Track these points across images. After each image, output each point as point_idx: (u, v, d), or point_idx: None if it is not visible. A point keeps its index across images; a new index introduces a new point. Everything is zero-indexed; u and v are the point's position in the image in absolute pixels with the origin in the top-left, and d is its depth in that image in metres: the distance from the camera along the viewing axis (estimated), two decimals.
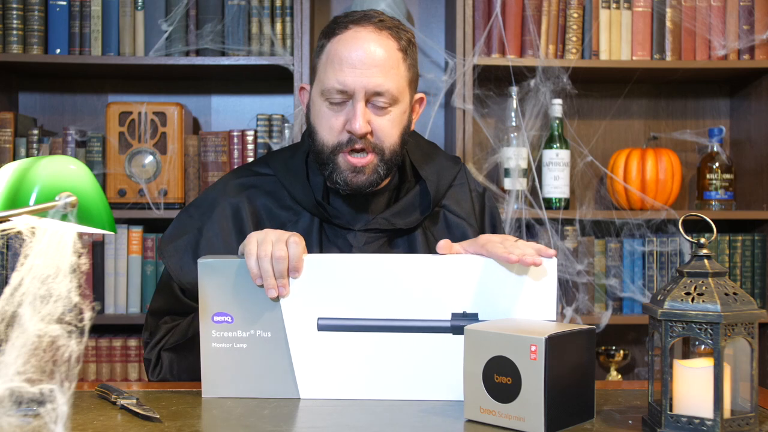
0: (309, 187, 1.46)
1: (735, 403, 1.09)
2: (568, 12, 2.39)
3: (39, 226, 1.00)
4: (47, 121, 2.59)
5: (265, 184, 1.50)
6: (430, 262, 1.23)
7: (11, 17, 2.31)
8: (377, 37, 1.38)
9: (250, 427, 1.10)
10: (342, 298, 1.22)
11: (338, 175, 1.40)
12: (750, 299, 1.05)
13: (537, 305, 1.22)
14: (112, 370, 2.35)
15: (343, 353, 1.23)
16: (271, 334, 1.23)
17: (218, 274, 1.23)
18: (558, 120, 2.43)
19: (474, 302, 1.22)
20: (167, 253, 1.46)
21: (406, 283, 1.22)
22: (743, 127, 2.58)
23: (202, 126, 2.61)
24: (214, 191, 1.52)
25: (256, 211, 1.47)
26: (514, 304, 1.22)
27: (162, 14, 2.34)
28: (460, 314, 1.22)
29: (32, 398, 0.93)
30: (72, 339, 0.94)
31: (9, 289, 0.95)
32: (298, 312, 1.23)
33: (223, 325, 1.23)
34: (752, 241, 2.44)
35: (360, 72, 1.36)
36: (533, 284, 1.22)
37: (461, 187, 1.57)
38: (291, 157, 1.52)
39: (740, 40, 2.38)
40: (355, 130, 1.37)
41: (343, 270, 1.22)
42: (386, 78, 1.37)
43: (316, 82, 1.43)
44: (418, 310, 1.22)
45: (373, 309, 1.22)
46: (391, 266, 1.23)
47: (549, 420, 1.06)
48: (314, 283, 1.23)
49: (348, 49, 1.37)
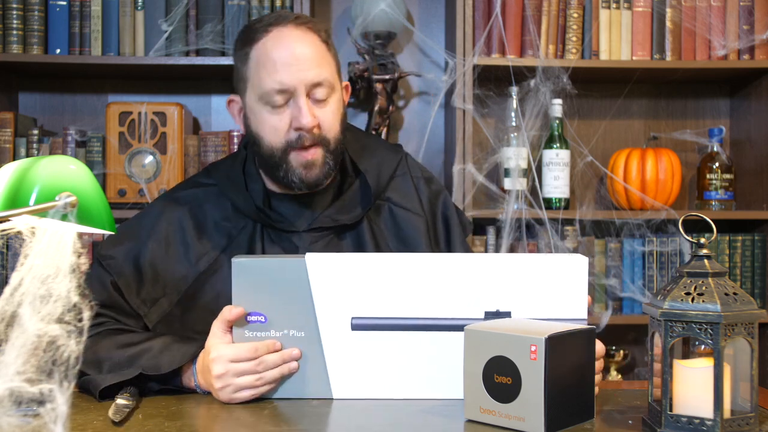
0: (249, 195, 1.47)
1: (735, 403, 1.09)
2: (568, 12, 2.39)
3: (39, 226, 1.00)
4: (47, 121, 2.59)
5: (209, 195, 1.50)
6: (462, 261, 1.24)
7: (11, 17, 2.31)
8: (301, 34, 1.41)
9: (250, 427, 1.10)
10: (375, 298, 1.23)
11: (292, 174, 1.42)
12: (750, 299, 1.05)
13: (568, 303, 1.23)
14: None
15: (377, 352, 1.23)
16: (304, 334, 1.23)
17: (252, 274, 1.23)
18: (558, 120, 2.43)
19: (506, 300, 1.23)
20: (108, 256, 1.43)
21: (438, 282, 1.23)
22: (743, 127, 2.58)
23: (202, 126, 2.61)
24: (158, 204, 1.51)
25: (200, 223, 1.46)
26: (546, 302, 1.23)
27: (162, 14, 2.34)
28: (493, 312, 1.23)
29: (32, 398, 0.92)
30: (71, 339, 0.94)
31: (9, 289, 0.95)
32: (331, 311, 1.23)
33: (256, 325, 1.23)
34: (752, 241, 2.44)
35: (296, 68, 1.38)
36: (565, 283, 1.23)
37: (403, 177, 1.57)
38: (231, 166, 1.53)
39: (740, 40, 2.38)
40: (304, 125, 1.38)
41: (376, 269, 1.23)
42: (321, 68, 1.40)
43: (249, 89, 1.43)
44: (451, 309, 1.23)
45: (406, 308, 1.23)
46: (423, 265, 1.23)
47: (549, 420, 1.06)
48: (347, 283, 1.23)
49: (277, 50, 1.39)
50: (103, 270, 1.44)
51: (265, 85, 1.39)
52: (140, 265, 1.43)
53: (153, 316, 1.42)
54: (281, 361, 1.22)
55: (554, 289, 1.23)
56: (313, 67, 1.39)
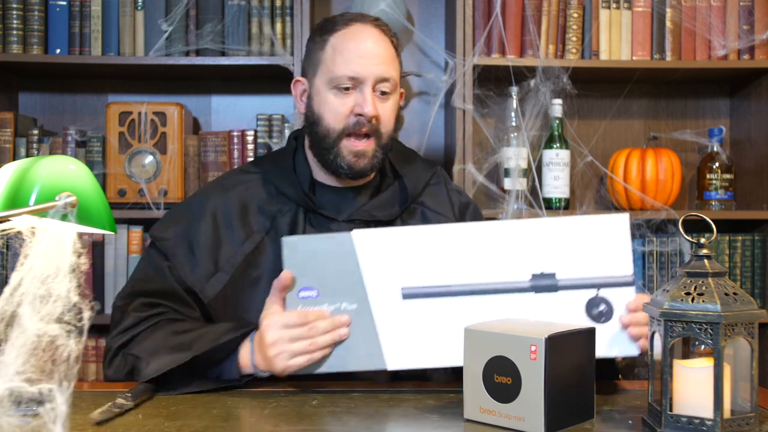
0: (296, 179, 1.54)
1: (735, 403, 1.09)
2: (568, 12, 2.39)
3: (39, 226, 1.00)
4: (47, 121, 2.59)
5: (254, 181, 1.57)
6: (506, 227, 1.27)
7: (11, 17, 2.31)
8: (379, 33, 1.52)
9: (250, 427, 1.10)
10: (423, 267, 1.26)
11: (341, 159, 1.49)
12: (750, 299, 1.05)
13: (613, 261, 1.26)
14: None
15: (428, 320, 1.25)
16: (356, 306, 1.26)
17: (302, 251, 1.27)
18: (558, 120, 2.43)
19: (552, 262, 1.26)
20: (162, 238, 1.49)
21: (483, 249, 1.27)
22: (743, 127, 2.57)
23: (202, 126, 2.61)
24: (206, 189, 1.60)
25: (245, 207, 1.53)
26: (591, 262, 1.26)
27: (162, 14, 2.34)
28: (538, 274, 1.26)
29: (31, 398, 0.92)
30: (71, 339, 0.94)
31: (9, 289, 0.95)
32: (381, 283, 1.26)
33: (308, 300, 1.26)
34: (752, 241, 2.44)
35: (369, 61, 1.47)
36: (607, 241, 1.26)
37: (437, 186, 1.66)
38: (278, 157, 1.62)
39: (740, 40, 2.38)
40: (366, 112, 1.46)
41: (421, 241, 1.27)
42: (390, 66, 1.50)
43: (320, 72, 1.51)
44: (497, 274, 1.26)
45: (453, 276, 1.26)
46: (468, 234, 1.27)
47: (549, 420, 1.06)
48: (394, 255, 1.27)
49: (356, 42, 1.49)
50: (159, 254, 1.49)
51: (338, 70, 1.48)
52: (193, 244, 1.49)
53: (209, 292, 1.46)
54: (331, 327, 1.26)
55: (598, 248, 1.26)
56: (384, 63, 1.49)
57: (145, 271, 1.50)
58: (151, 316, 1.42)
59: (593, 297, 1.26)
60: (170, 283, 1.46)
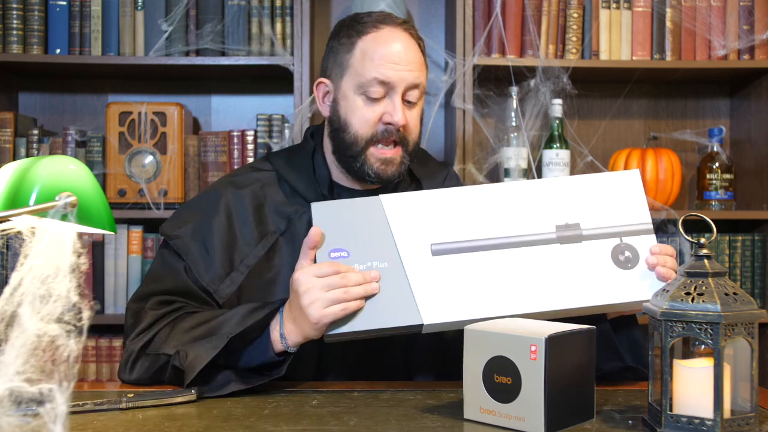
0: (315, 180, 1.51)
1: (735, 403, 1.09)
2: (568, 12, 2.39)
3: (39, 226, 1.00)
4: (47, 121, 2.59)
5: (268, 180, 1.53)
6: (527, 186, 1.34)
7: (11, 17, 2.31)
8: (409, 37, 1.48)
9: (250, 427, 1.10)
10: (451, 225, 1.30)
11: (369, 167, 1.47)
12: (750, 299, 1.05)
13: (632, 212, 1.33)
14: (112, 370, 2.35)
15: (459, 275, 1.28)
16: (387, 265, 1.28)
17: (331, 214, 1.30)
18: (558, 120, 2.43)
19: (574, 215, 1.32)
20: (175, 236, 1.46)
21: (507, 206, 1.32)
22: (743, 127, 2.57)
23: (202, 126, 2.61)
24: (217, 186, 1.55)
25: (260, 206, 1.50)
26: (612, 213, 1.32)
27: (162, 14, 2.34)
28: (563, 225, 1.31)
29: (32, 398, 0.92)
30: (71, 339, 0.94)
31: (9, 289, 0.95)
32: (410, 241, 1.29)
33: (339, 260, 1.28)
34: (752, 241, 2.44)
35: (400, 67, 1.44)
36: (624, 195, 1.34)
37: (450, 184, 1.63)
38: (293, 155, 1.57)
39: (740, 40, 2.38)
40: (396, 121, 1.44)
41: (448, 202, 1.32)
42: (420, 73, 1.47)
43: (347, 76, 1.47)
44: (524, 228, 1.31)
45: (481, 232, 1.30)
46: (491, 193, 1.33)
47: (549, 420, 1.06)
48: (423, 215, 1.31)
49: (387, 46, 1.44)
50: (172, 253, 1.46)
51: (368, 75, 1.44)
52: (206, 243, 1.46)
53: (224, 292, 1.43)
54: (363, 281, 1.26)
55: (616, 200, 1.33)
56: (415, 69, 1.46)
57: (160, 272, 1.46)
58: (169, 312, 1.39)
59: (618, 244, 1.31)
60: (185, 282, 1.43)
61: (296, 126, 2.29)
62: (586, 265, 1.29)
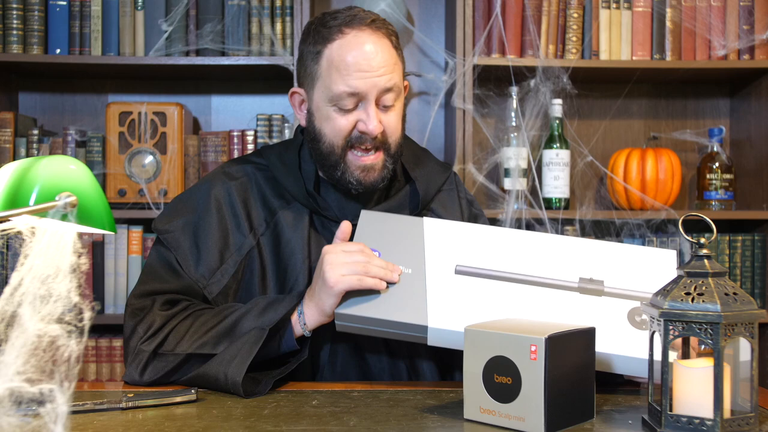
0: (301, 178, 1.49)
1: (735, 403, 1.09)
2: (568, 12, 2.39)
3: (39, 226, 1.00)
4: (47, 121, 2.59)
5: (259, 173, 1.53)
6: (562, 240, 1.37)
7: (11, 17, 2.31)
8: (377, 39, 1.40)
9: (250, 427, 1.10)
10: (481, 256, 1.35)
11: (350, 175, 1.44)
12: (750, 299, 1.05)
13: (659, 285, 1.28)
14: (112, 370, 2.35)
15: (475, 295, 1.32)
16: (411, 271, 1.34)
17: (375, 222, 1.39)
18: (558, 120, 2.43)
19: (601, 273, 1.33)
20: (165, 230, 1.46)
21: (538, 253, 1.35)
22: (743, 127, 2.57)
23: (202, 126, 2.61)
24: (210, 178, 1.54)
25: (250, 198, 1.50)
26: (639, 281, 1.32)
27: (162, 14, 2.34)
28: (587, 279, 1.33)
29: (32, 398, 0.92)
30: (72, 339, 0.94)
31: (9, 289, 0.95)
32: (439, 258, 1.35)
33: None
34: (752, 241, 2.44)
35: (369, 75, 1.38)
36: (656, 270, 1.33)
37: (450, 193, 1.60)
38: (285, 150, 1.55)
39: (740, 40, 2.38)
40: (371, 131, 1.40)
41: (485, 237, 1.38)
42: (392, 75, 1.41)
43: (318, 88, 1.42)
44: (547, 273, 1.34)
45: (507, 267, 1.34)
46: (528, 240, 1.37)
47: (549, 420, 1.06)
48: (457, 242, 1.37)
49: (353, 54, 1.38)
50: (165, 248, 1.45)
51: (337, 88, 1.39)
52: (197, 237, 1.46)
53: (214, 288, 1.43)
54: (385, 266, 1.31)
55: (646, 272, 1.33)
56: (386, 73, 1.40)
57: (157, 268, 1.45)
58: (178, 312, 1.38)
59: (636, 306, 1.30)
60: (184, 278, 1.43)
61: (296, 126, 2.29)
62: (601, 316, 1.29)
